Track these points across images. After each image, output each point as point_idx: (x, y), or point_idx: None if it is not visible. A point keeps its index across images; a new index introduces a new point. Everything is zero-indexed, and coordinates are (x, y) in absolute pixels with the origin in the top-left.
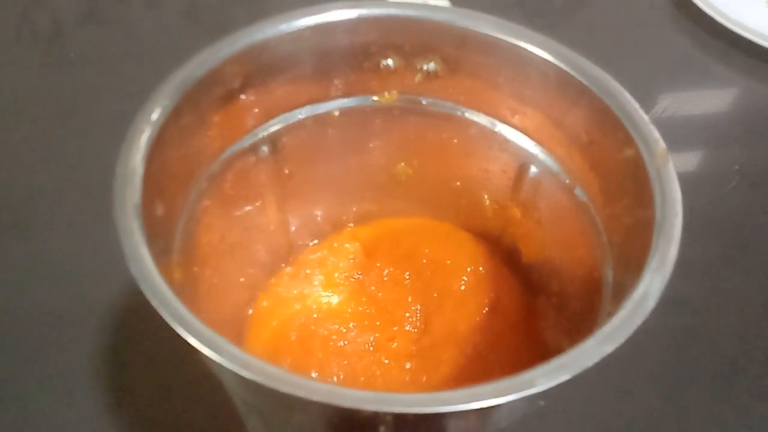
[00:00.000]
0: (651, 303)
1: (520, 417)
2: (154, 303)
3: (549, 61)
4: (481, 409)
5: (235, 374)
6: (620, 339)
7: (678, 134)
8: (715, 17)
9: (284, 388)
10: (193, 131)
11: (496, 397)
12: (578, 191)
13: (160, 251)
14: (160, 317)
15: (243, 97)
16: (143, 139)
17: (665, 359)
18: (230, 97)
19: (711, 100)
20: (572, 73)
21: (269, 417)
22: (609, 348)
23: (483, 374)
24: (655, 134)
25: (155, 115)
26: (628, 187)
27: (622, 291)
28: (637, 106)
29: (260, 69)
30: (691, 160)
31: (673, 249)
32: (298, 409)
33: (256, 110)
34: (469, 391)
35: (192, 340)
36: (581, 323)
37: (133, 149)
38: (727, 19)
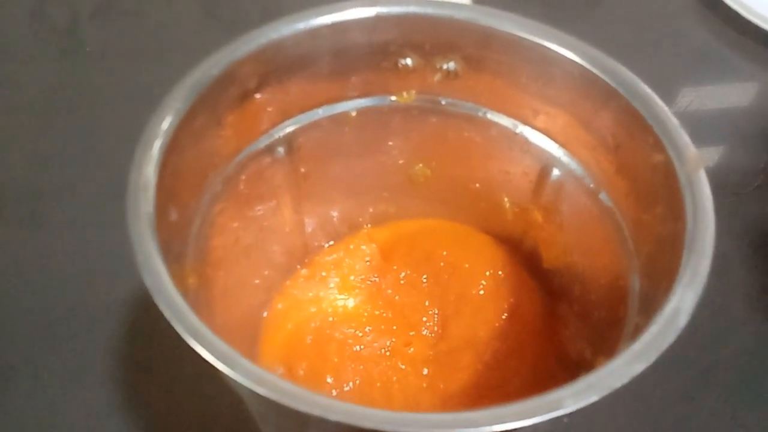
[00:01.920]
0: (683, 319)
1: None
2: (168, 314)
3: (575, 62)
4: (505, 431)
5: (250, 389)
6: (651, 357)
7: (701, 130)
8: (740, 11)
9: (300, 407)
10: (207, 133)
11: (521, 419)
12: (603, 196)
13: (174, 257)
14: None
15: (259, 97)
16: (156, 146)
17: (686, 362)
18: (246, 97)
19: (735, 95)
20: (599, 74)
21: (283, 428)
22: (639, 367)
23: (501, 381)
24: (686, 139)
25: (169, 119)
26: (656, 194)
27: (650, 303)
28: (666, 109)
29: (276, 68)
30: (714, 157)
31: (705, 262)
32: (312, 425)
33: (272, 110)
34: (493, 412)
35: (206, 355)
36: (605, 332)
37: (146, 157)
38: (752, 13)
